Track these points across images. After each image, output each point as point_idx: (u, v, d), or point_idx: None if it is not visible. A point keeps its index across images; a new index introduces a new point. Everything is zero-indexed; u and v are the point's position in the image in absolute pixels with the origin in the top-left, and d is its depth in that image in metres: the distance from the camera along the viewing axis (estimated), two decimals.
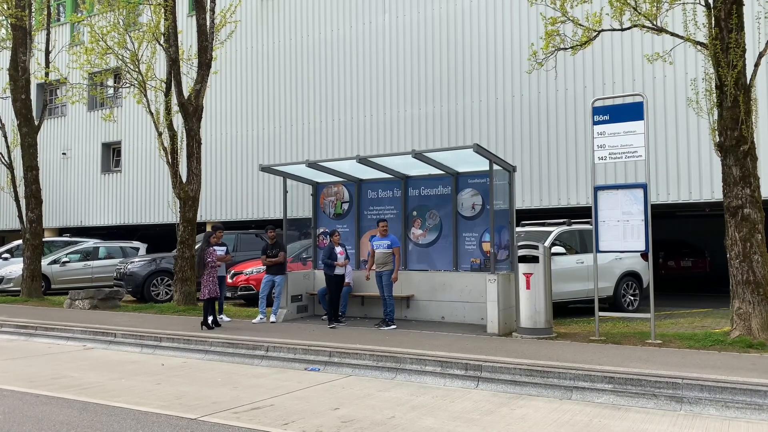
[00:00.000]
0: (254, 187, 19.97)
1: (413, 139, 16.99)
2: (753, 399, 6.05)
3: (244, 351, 9.14)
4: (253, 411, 6.20)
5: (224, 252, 11.76)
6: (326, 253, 10.90)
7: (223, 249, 11.73)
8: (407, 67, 17.39)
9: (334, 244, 10.95)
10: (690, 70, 13.05)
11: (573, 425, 5.68)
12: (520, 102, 15.71)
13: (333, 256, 10.79)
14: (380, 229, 10.70)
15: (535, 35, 14.40)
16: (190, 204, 14.09)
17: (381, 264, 10.59)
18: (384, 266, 10.57)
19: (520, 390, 7.00)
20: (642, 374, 6.63)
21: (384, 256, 10.58)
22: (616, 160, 9.27)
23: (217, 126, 20.90)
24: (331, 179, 12.43)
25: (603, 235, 9.25)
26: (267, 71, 20.02)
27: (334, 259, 10.78)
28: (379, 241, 10.71)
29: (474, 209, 11.26)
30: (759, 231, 8.48)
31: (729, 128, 8.59)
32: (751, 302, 8.36)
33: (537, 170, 15.37)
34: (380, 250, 10.65)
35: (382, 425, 5.69)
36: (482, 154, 9.87)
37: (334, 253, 10.83)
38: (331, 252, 10.83)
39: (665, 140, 13.95)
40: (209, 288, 10.67)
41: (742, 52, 8.45)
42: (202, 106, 14.30)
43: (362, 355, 8.24)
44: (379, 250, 10.64)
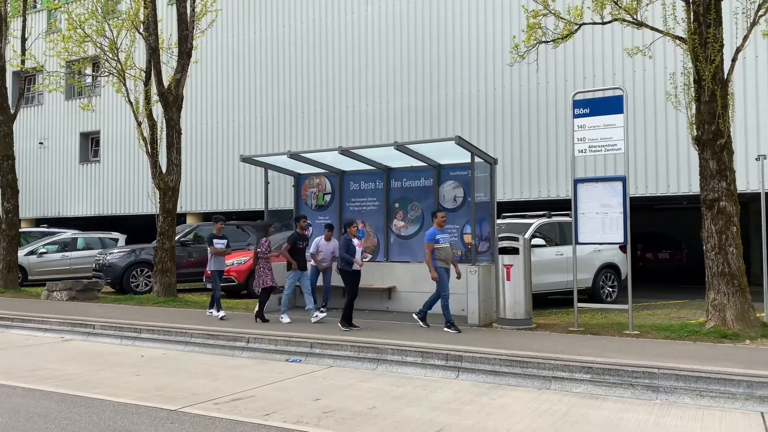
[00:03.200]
0: (235, 178, 19.84)
1: (396, 130, 16.99)
2: (727, 388, 6.17)
3: (225, 342, 9.11)
4: (233, 402, 6.19)
5: (224, 245, 11.17)
6: (343, 247, 9.68)
7: (223, 242, 11.16)
8: (390, 58, 17.35)
9: (351, 237, 9.76)
10: (669, 65, 13.19)
11: (551, 414, 5.75)
12: (502, 95, 15.76)
13: (351, 250, 9.64)
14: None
15: (517, 28, 14.43)
16: (170, 195, 13.96)
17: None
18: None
19: (500, 380, 7.07)
20: (619, 364, 6.73)
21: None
22: (595, 153, 9.36)
23: (198, 116, 20.71)
24: (313, 170, 12.38)
25: (582, 228, 9.35)
26: (248, 61, 19.85)
27: (353, 253, 9.64)
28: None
29: (456, 201, 11.30)
30: (734, 224, 8.63)
31: (706, 122, 8.71)
32: (726, 294, 8.51)
33: (518, 163, 15.46)
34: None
35: (363, 415, 5.71)
36: (464, 147, 9.90)
37: (352, 246, 9.66)
38: (348, 245, 9.64)
39: (644, 134, 14.10)
40: (261, 279, 10.51)
41: (720, 47, 8.56)
42: (182, 96, 14.15)
43: (343, 345, 8.25)
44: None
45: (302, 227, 10.45)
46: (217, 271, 11.15)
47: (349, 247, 9.63)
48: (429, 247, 9.32)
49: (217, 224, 11.09)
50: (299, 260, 10.25)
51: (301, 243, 10.33)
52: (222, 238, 11.14)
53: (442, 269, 9.32)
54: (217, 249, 10.95)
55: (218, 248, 10.97)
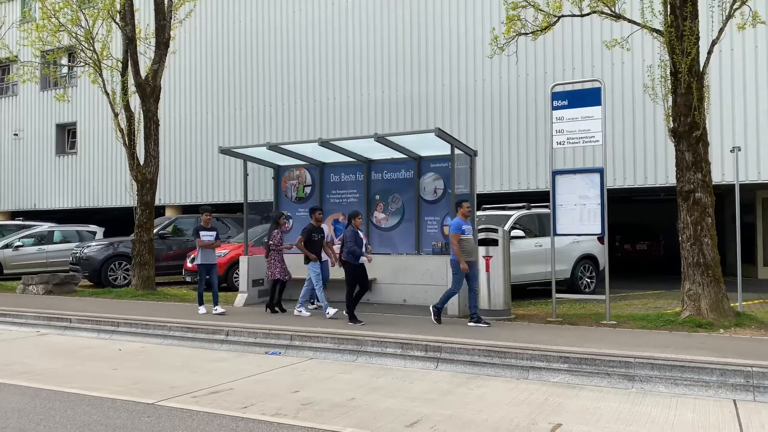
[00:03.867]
0: (215, 170, 19.67)
1: (376, 122, 16.95)
2: (700, 376, 6.27)
3: (204, 335, 9.05)
4: (212, 395, 6.16)
5: (212, 237, 10.55)
6: (351, 239, 9.32)
7: (211, 234, 10.55)
8: (370, 50, 17.29)
9: (356, 229, 9.48)
10: (647, 57, 13.30)
11: (529, 404, 5.80)
12: (483, 87, 15.79)
13: (359, 242, 9.36)
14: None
15: (497, 20, 14.45)
16: (148, 187, 13.81)
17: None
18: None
19: (479, 370, 7.11)
20: (596, 354, 6.81)
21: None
22: (574, 144, 9.42)
23: (176, 107, 20.47)
24: (293, 162, 12.32)
25: (560, 219, 9.42)
26: (228, 52, 19.64)
27: (361, 246, 9.38)
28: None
29: (436, 193, 11.33)
30: (709, 215, 8.74)
31: (682, 114, 8.81)
32: (701, 284, 8.64)
33: (498, 155, 15.52)
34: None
35: (342, 407, 5.72)
36: (444, 139, 9.91)
37: (359, 238, 9.39)
38: (356, 237, 9.35)
39: (622, 125, 14.22)
40: (271, 271, 10.45)
41: (696, 39, 8.65)
42: (159, 87, 13.97)
43: (323, 338, 8.24)
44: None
45: (317, 219, 10.11)
46: (205, 265, 10.50)
47: (357, 239, 9.33)
48: (456, 237, 8.84)
49: (204, 215, 10.67)
50: (316, 253, 9.95)
51: (316, 235, 9.98)
52: (210, 229, 10.59)
53: (470, 262, 8.89)
54: (204, 241, 10.41)
55: (205, 240, 10.44)
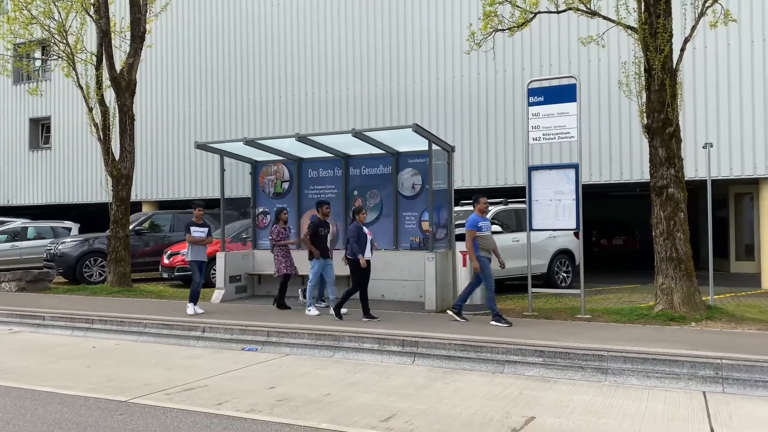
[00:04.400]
0: (191, 166, 19.48)
1: (355, 117, 16.91)
2: (672, 369, 6.38)
3: (180, 332, 8.98)
4: (186, 392, 6.12)
5: (204, 234, 10.03)
6: (354, 235, 9.04)
7: (203, 230, 10.05)
8: (349, 45, 17.23)
9: (360, 225, 9.20)
10: (622, 54, 13.42)
11: (504, 398, 5.85)
12: (460, 83, 15.83)
13: (362, 238, 9.05)
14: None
15: (474, 16, 14.49)
16: (124, 182, 13.65)
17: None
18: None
19: (455, 365, 7.16)
20: (570, 347, 6.89)
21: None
22: (550, 140, 9.50)
23: (152, 102, 20.22)
24: (270, 158, 12.25)
25: (536, 214, 9.50)
26: (204, 46, 19.44)
27: (363, 242, 9.04)
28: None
29: (414, 189, 11.34)
30: (682, 210, 8.88)
31: (656, 111, 8.92)
32: (674, 278, 8.78)
33: (476, 150, 15.58)
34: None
35: (318, 402, 5.71)
36: (421, 134, 9.93)
37: (362, 234, 9.07)
38: (359, 233, 9.05)
39: (598, 121, 14.35)
40: (277, 267, 10.28)
41: (669, 37, 8.76)
42: (135, 81, 13.80)
43: (300, 334, 8.23)
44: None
45: (325, 213, 9.79)
46: (196, 262, 10.03)
47: (360, 235, 9.05)
48: (471, 234, 8.57)
49: (196, 211, 10.21)
50: (322, 248, 9.61)
51: (323, 230, 9.64)
52: (202, 225, 10.11)
53: (485, 259, 8.64)
54: (195, 237, 9.93)
55: (196, 236, 9.95)
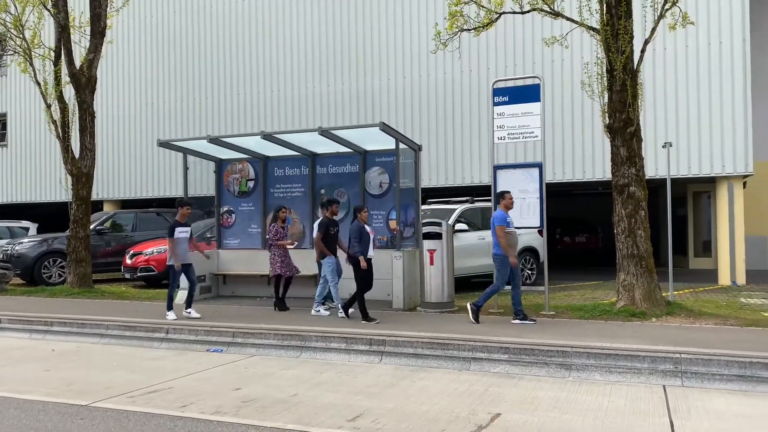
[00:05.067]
0: (154, 164, 19.13)
1: (321, 116, 16.83)
2: (633, 364, 6.52)
3: (143, 334, 8.82)
4: (149, 394, 6.00)
5: (188, 234, 9.42)
6: (356, 234, 8.81)
7: (187, 230, 9.43)
8: (314, 42, 17.13)
9: (362, 224, 9.00)
10: (585, 55, 13.66)
11: (470, 395, 5.90)
12: (427, 82, 15.89)
13: (365, 237, 8.90)
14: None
15: (440, 15, 14.55)
16: (84, 181, 13.33)
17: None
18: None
19: (422, 363, 7.18)
20: (535, 344, 6.98)
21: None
22: (514, 140, 9.61)
23: (114, 98, 19.79)
24: (235, 156, 12.11)
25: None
26: (167, 42, 19.10)
27: (366, 241, 8.88)
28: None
29: (381, 187, 11.35)
30: (643, 208, 9.08)
31: (617, 111, 9.10)
32: (635, 274, 8.97)
33: (443, 149, 15.67)
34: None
35: (284, 403, 5.67)
36: (388, 133, 9.94)
37: (365, 233, 8.92)
38: (361, 233, 8.87)
39: (561, 121, 14.58)
40: (272, 266, 9.98)
41: (630, 38, 8.94)
42: (95, 77, 13.48)
43: (267, 334, 8.16)
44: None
45: (333, 212, 9.53)
46: (182, 265, 9.39)
47: (362, 234, 8.85)
48: (501, 229, 8.41)
49: (181, 209, 9.42)
50: (332, 248, 9.38)
51: (332, 229, 9.41)
52: (185, 225, 9.44)
53: (506, 257, 8.50)
54: (178, 239, 9.24)
55: (180, 237, 9.26)
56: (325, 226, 9.41)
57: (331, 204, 9.61)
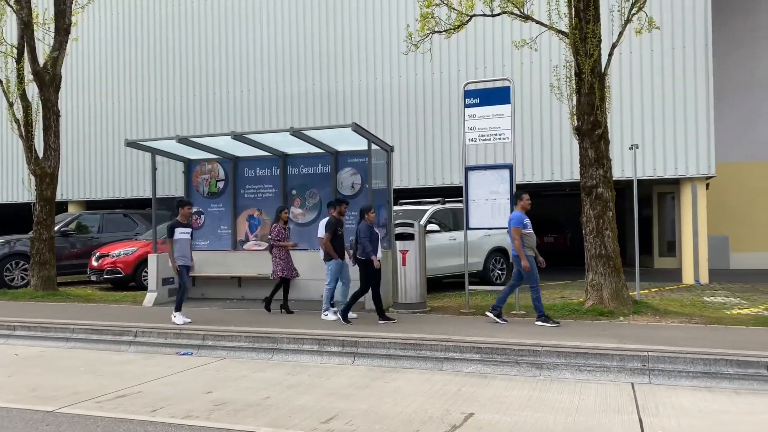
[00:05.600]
0: (121, 164, 18.76)
1: (293, 116, 16.73)
2: (602, 362, 6.63)
3: (111, 337, 8.65)
4: (118, 399, 5.89)
5: (188, 235, 9.09)
6: (365, 235, 8.68)
7: (188, 231, 9.09)
8: (286, 42, 17.03)
9: (370, 224, 8.86)
10: (554, 58, 13.86)
11: (443, 395, 5.92)
12: (398, 83, 15.93)
13: (375, 238, 8.77)
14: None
15: (411, 17, 14.61)
16: (48, 181, 13.01)
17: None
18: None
19: (395, 363, 7.19)
20: (506, 343, 7.05)
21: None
22: (485, 141, 9.70)
23: (79, 97, 19.36)
24: (204, 156, 11.96)
25: (473, 213, 9.69)
26: (135, 39, 18.77)
27: (376, 242, 8.77)
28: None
29: (354, 188, 11.34)
30: (610, 209, 9.25)
31: (586, 113, 9.25)
32: (603, 274, 9.13)
33: (414, 150, 15.72)
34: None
35: (257, 406, 5.62)
36: (361, 134, 9.93)
37: (375, 234, 8.81)
38: (371, 233, 8.75)
39: (530, 123, 14.75)
40: (273, 268, 9.72)
41: (598, 42, 9.10)
42: (60, 75, 13.18)
43: (238, 336, 8.08)
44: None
45: (341, 212, 9.27)
46: (186, 267, 9.08)
47: (372, 234, 8.74)
48: (517, 232, 8.35)
49: (182, 209, 9.07)
50: (339, 249, 9.16)
51: (341, 229, 9.19)
52: (187, 225, 9.12)
53: (531, 258, 8.44)
54: (180, 238, 8.93)
55: (181, 238, 8.95)
56: (334, 226, 9.08)
57: (340, 204, 9.32)
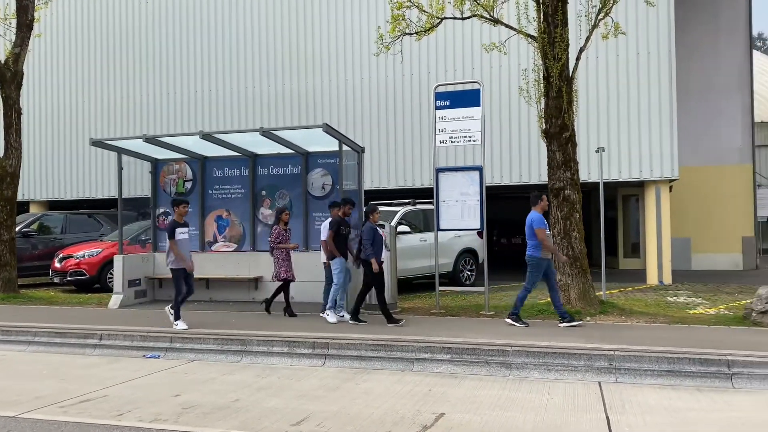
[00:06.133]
0: (86, 164, 18.37)
1: (262, 116, 16.60)
2: (570, 361, 6.73)
3: (75, 340, 8.46)
4: (83, 404, 5.76)
5: (187, 235, 8.76)
6: (369, 236, 8.58)
7: (187, 230, 8.77)
8: (255, 41, 16.89)
9: (374, 225, 8.78)
10: (523, 61, 14.03)
11: (413, 395, 5.94)
12: (369, 84, 15.94)
13: (378, 239, 8.68)
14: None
15: (382, 19, 14.64)
16: (9, 181, 12.65)
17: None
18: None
19: (366, 365, 7.19)
20: (476, 344, 7.11)
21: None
22: (455, 143, 9.77)
23: (42, 94, 18.90)
24: (172, 156, 11.78)
25: (443, 215, 9.75)
26: (101, 36, 18.40)
27: (379, 244, 8.71)
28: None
29: (324, 189, 11.30)
30: (577, 210, 9.40)
31: (554, 116, 9.39)
32: (570, 275, 9.27)
33: (385, 152, 15.74)
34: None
35: (226, 409, 5.56)
36: (332, 134, 9.90)
37: (378, 236, 8.70)
38: (374, 235, 8.63)
39: (499, 126, 14.91)
40: (276, 271, 9.46)
41: (566, 46, 9.24)
42: (22, 72, 12.83)
43: (206, 339, 7.98)
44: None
45: (345, 213, 9.15)
46: (183, 270, 8.67)
47: (375, 236, 8.64)
48: (542, 232, 8.14)
49: (177, 208, 8.69)
50: (342, 249, 9.01)
51: (344, 229, 9.04)
52: (184, 225, 8.77)
53: (547, 260, 8.30)
54: (180, 239, 8.58)
55: (180, 238, 8.59)
56: (337, 225, 9.01)
57: (345, 203, 9.23)
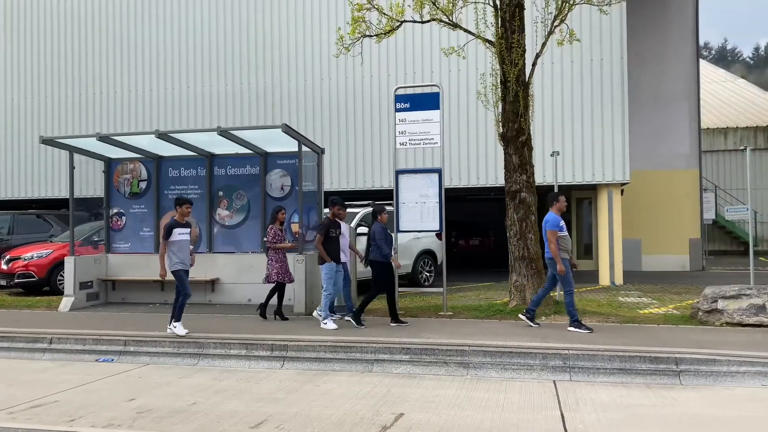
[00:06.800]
0: (35, 162, 17.77)
1: (219, 115, 16.37)
2: (526, 360, 6.87)
3: (23, 344, 8.19)
4: (33, 409, 5.58)
5: (188, 235, 8.27)
6: (381, 236, 8.56)
7: (187, 231, 8.24)
8: (212, 39, 16.65)
9: (384, 225, 8.74)
10: (480, 66, 14.22)
11: (373, 396, 5.97)
12: (329, 85, 15.90)
13: (389, 240, 8.70)
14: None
15: (343, 20, 14.63)
16: None
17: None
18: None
19: (325, 366, 7.18)
20: (435, 344, 7.18)
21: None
22: (415, 146, 9.85)
23: None
24: (126, 155, 11.53)
25: (403, 216, 9.82)
26: (53, 30, 17.83)
27: (390, 244, 8.71)
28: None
29: (283, 190, 11.24)
30: (533, 212, 9.60)
31: (510, 120, 9.57)
32: (526, 275, 9.46)
33: (345, 153, 15.73)
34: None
35: (183, 412, 5.47)
36: (291, 135, 9.86)
37: (389, 236, 8.76)
38: (385, 235, 8.64)
39: (458, 129, 15.08)
40: (268, 272, 9.14)
41: (523, 51, 9.43)
42: None
43: (161, 342, 7.84)
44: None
45: (335, 214, 8.95)
46: (187, 271, 8.22)
47: (387, 236, 8.65)
48: (554, 234, 8.03)
49: (180, 208, 8.18)
50: (333, 252, 8.76)
51: (334, 231, 8.81)
52: (185, 225, 8.24)
53: (566, 261, 8.16)
54: (180, 239, 8.10)
55: (180, 239, 8.10)
56: (326, 227, 8.78)
57: (334, 205, 9.03)
